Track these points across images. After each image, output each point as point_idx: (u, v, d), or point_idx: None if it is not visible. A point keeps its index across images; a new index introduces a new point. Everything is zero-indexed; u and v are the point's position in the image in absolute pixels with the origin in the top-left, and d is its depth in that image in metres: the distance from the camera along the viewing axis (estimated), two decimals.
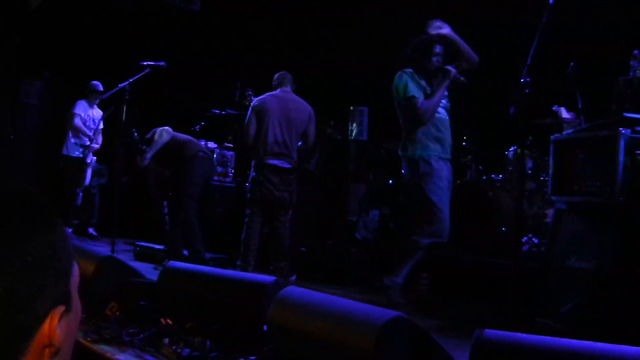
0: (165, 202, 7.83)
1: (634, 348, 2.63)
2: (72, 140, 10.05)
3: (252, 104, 7.09)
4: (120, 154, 8.68)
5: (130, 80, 7.81)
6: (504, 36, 7.12)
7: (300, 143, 7.04)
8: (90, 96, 10.20)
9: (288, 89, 7.12)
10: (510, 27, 6.82)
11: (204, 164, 7.71)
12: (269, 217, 6.88)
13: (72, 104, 10.17)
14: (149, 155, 7.44)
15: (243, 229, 6.83)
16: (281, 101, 6.97)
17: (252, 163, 6.97)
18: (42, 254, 1.16)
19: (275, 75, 7.22)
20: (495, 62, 7.24)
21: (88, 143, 9.97)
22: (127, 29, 13.05)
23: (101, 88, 10.25)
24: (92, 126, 10.10)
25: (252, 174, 6.94)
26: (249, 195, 6.97)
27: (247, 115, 7.03)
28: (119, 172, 8.43)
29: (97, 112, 10.28)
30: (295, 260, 6.92)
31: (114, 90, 7.87)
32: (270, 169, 6.80)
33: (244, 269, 6.55)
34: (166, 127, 7.70)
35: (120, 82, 7.79)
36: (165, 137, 7.56)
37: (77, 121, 10.00)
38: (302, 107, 7.02)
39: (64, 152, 10.05)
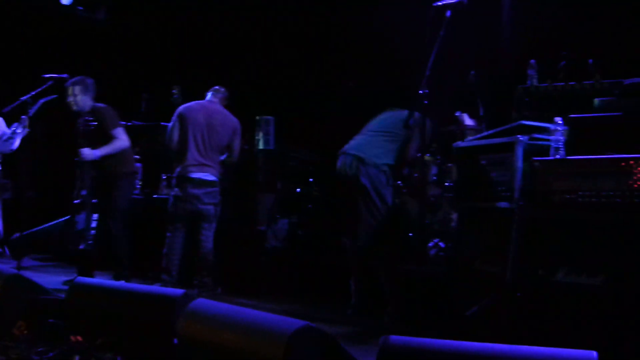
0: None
1: (536, 348, 2.74)
2: None
3: (177, 109, 6.97)
4: (25, 168, 8.53)
5: (33, 93, 7.68)
6: (398, 48, 7.27)
7: (224, 156, 6.99)
8: None
9: (215, 100, 7.07)
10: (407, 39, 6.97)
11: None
12: (192, 231, 6.77)
13: None
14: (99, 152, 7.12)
15: (165, 243, 6.71)
16: (206, 111, 6.90)
17: (175, 175, 6.83)
18: None
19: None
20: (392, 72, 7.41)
21: None
22: (32, 39, 12.81)
23: None
24: None
25: (175, 189, 6.81)
26: (170, 210, 6.84)
27: (172, 120, 6.93)
28: (24, 186, 8.26)
29: None
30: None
31: (15, 104, 7.72)
32: (193, 182, 6.70)
33: (167, 283, 6.45)
34: None
35: (23, 95, 7.67)
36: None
37: None
38: (227, 120, 6.97)
39: None
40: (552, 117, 4.58)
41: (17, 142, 9.52)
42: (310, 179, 7.82)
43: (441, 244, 6.42)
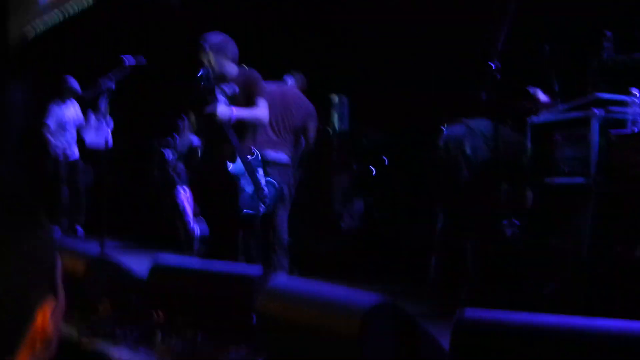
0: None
1: (612, 320, 2.73)
2: (53, 142, 10.07)
3: None
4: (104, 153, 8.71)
5: (114, 79, 7.83)
6: (472, 23, 7.19)
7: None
8: (63, 93, 10.20)
9: (292, 83, 7.21)
10: (478, 14, 6.90)
11: None
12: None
13: (45, 111, 10.14)
14: None
15: None
16: (283, 93, 7.03)
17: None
18: (33, 248, 1.23)
19: None
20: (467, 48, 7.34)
21: (65, 145, 10.00)
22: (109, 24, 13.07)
23: (74, 84, 10.23)
24: (71, 126, 10.12)
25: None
26: None
27: None
28: (106, 171, 8.45)
29: (73, 109, 10.28)
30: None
31: (98, 91, 7.88)
32: (268, 164, 6.77)
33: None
34: None
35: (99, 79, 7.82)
36: None
37: (46, 132, 10.02)
38: (303, 103, 7.10)
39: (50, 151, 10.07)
40: (629, 89, 4.51)
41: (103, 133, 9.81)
42: (385, 159, 7.81)
43: (516, 221, 6.37)
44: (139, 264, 5.44)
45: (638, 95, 4.40)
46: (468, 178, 5.72)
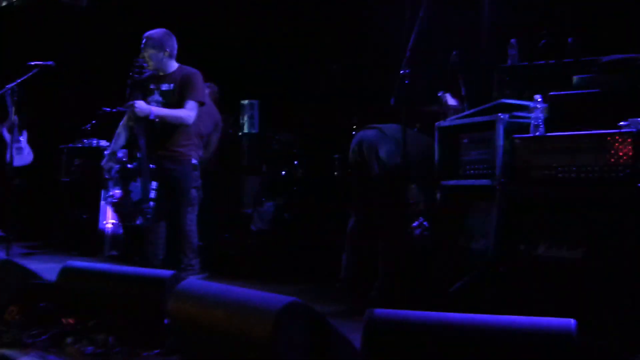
0: None
1: (517, 317, 2.83)
2: None
3: None
4: (11, 156, 8.53)
5: (18, 80, 7.69)
6: (381, 30, 7.32)
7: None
8: None
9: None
10: (388, 20, 7.03)
11: None
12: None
13: None
14: None
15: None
16: None
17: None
18: None
19: None
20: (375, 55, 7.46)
21: None
22: (14, 27, 12.77)
23: None
24: None
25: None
26: None
27: None
28: (11, 174, 8.29)
29: None
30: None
31: (0, 92, 7.74)
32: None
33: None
34: None
35: (7, 84, 7.68)
36: None
37: None
38: (212, 112, 7.12)
39: None
40: (532, 95, 4.66)
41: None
42: (295, 161, 7.86)
43: (425, 223, 6.49)
44: (47, 268, 5.36)
45: (540, 101, 4.55)
46: (379, 180, 5.82)
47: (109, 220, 8.47)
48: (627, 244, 3.97)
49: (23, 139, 9.97)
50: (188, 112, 5.99)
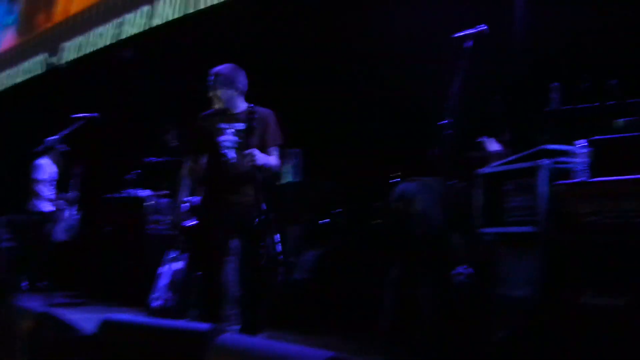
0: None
1: None
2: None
3: None
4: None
5: (63, 133, 7.81)
6: (422, 78, 7.32)
7: None
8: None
9: None
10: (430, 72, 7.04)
11: None
12: None
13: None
14: None
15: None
16: None
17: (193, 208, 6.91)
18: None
19: None
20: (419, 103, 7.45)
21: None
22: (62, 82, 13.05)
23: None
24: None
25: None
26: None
27: None
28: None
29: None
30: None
31: (46, 145, 7.85)
32: None
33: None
34: None
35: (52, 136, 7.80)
36: None
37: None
38: None
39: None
40: (576, 139, 4.59)
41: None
42: (336, 210, 7.82)
43: (470, 270, 6.41)
44: (87, 319, 5.36)
45: (583, 145, 4.48)
46: (419, 232, 5.79)
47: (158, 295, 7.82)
48: None
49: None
50: (277, 159, 5.79)
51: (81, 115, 7.86)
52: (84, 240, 9.98)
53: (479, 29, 5.01)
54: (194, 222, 5.92)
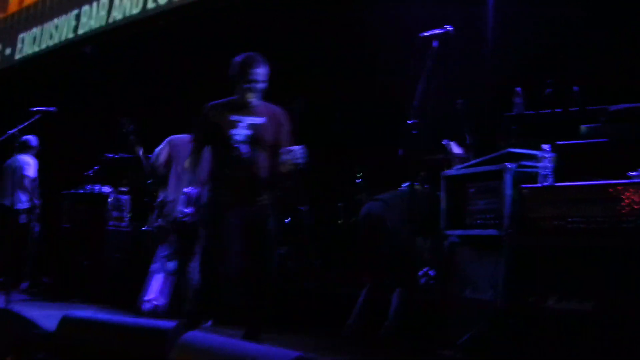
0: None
1: None
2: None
3: (169, 138, 7.13)
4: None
5: (20, 127, 7.69)
6: (387, 79, 7.35)
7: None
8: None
9: None
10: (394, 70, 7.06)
11: None
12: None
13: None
14: None
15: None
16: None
17: (158, 203, 6.89)
18: None
19: None
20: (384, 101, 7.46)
21: None
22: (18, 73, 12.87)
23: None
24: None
25: (159, 219, 6.86)
26: (155, 240, 6.95)
27: (162, 144, 7.19)
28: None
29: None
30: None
31: (2, 138, 7.73)
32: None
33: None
34: None
35: (8, 130, 7.67)
36: None
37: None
38: None
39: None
40: (539, 144, 4.62)
41: None
42: (304, 208, 7.80)
43: (431, 272, 6.43)
44: (47, 316, 5.30)
45: (548, 150, 4.51)
46: (387, 249, 5.87)
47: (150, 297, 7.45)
48: (638, 295, 3.90)
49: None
50: None
51: (39, 108, 7.72)
52: (44, 236, 9.85)
53: (445, 29, 4.99)
54: (190, 217, 5.58)
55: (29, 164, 9.71)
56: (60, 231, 9.51)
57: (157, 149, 7.10)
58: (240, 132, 5.20)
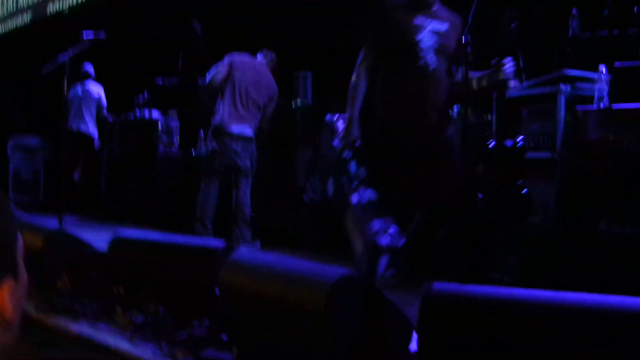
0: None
1: (579, 294, 2.71)
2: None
3: (229, 56, 6.86)
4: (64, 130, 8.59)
5: (72, 54, 7.68)
6: None
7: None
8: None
9: (264, 61, 7.05)
10: None
11: None
12: (230, 185, 6.76)
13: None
14: None
15: (200, 194, 6.70)
16: (255, 69, 6.91)
17: (213, 126, 6.79)
18: None
19: None
20: None
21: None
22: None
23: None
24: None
25: (212, 142, 6.78)
26: (206, 162, 6.86)
27: (221, 64, 6.81)
28: (64, 148, 8.33)
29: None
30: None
31: (54, 66, 7.73)
32: (232, 137, 6.66)
33: (202, 232, 6.48)
34: None
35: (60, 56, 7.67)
36: None
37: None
38: (271, 84, 6.97)
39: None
40: (595, 66, 4.50)
41: None
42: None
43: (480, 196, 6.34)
44: (100, 238, 5.38)
45: (604, 72, 4.39)
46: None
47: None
48: None
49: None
50: None
51: (89, 36, 7.68)
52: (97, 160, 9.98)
53: None
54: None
55: (102, 94, 9.86)
56: (112, 157, 9.63)
57: (216, 66, 6.86)
58: (427, 38, 4.22)
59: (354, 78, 4.36)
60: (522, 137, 4.76)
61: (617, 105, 4.28)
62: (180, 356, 3.34)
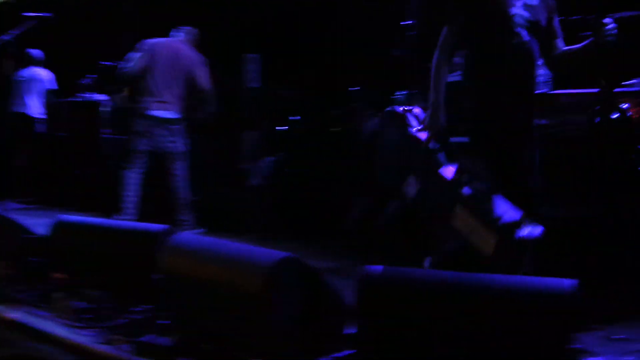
0: None
1: (515, 276, 2.76)
2: None
3: (144, 42, 6.79)
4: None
5: (16, 33, 7.56)
6: None
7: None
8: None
9: (181, 36, 6.96)
10: None
11: None
12: (164, 171, 6.71)
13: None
14: None
15: (122, 182, 6.65)
16: (172, 48, 6.82)
17: (135, 115, 6.72)
18: None
19: None
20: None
21: None
22: None
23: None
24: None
25: (135, 125, 6.73)
26: (130, 147, 6.74)
27: (137, 51, 6.77)
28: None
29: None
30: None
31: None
32: (154, 120, 6.62)
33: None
34: None
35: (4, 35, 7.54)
36: None
37: None
38: (193, 56, 6.87)
39: None
40: None
41: None
42: (298, 117, 7.74)
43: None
44: (40, 224, 5.32)
45: None
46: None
47: None
48: None
49: None
50: None
51: (33, 14, 7.56)
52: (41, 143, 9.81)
53: None
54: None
55: (51, 78, 9.66)
56: (56, 139, 9.49)
57: (132, 55, 6.79)
58: (520, 13, 3.81)
59: (434, 61, 3.89)
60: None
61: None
62: (118, 342, 3.32)
